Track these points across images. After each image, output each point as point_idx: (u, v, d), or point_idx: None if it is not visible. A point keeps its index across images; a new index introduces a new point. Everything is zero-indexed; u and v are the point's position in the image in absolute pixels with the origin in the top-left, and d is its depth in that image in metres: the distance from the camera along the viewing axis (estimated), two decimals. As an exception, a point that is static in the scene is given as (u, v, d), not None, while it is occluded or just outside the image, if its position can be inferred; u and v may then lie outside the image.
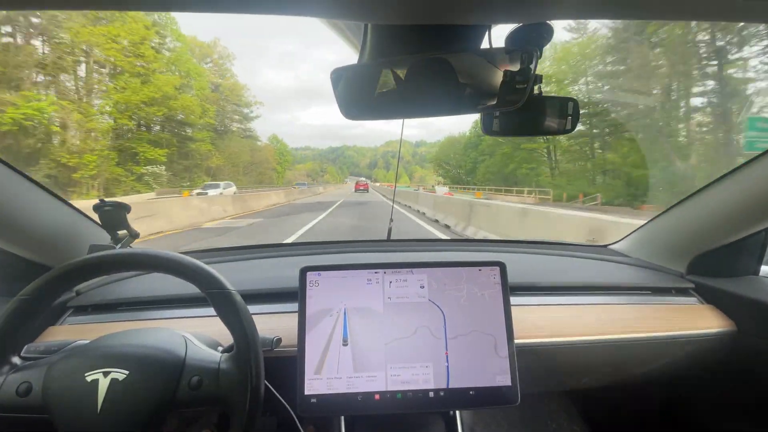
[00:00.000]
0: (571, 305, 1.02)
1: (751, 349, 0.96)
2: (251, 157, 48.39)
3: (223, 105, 46.88)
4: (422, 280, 0.81)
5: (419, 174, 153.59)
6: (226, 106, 47.51)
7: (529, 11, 0.45)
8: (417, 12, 0.45)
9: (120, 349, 0.63)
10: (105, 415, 0.57)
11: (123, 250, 0.69)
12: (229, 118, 48.38)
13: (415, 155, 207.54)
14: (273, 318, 0.92)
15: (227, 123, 47.73)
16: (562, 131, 0.75)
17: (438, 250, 1.39)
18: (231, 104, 48.60)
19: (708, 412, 1.14)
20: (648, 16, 0.45)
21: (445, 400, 0.76)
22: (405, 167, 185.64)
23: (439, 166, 51.65)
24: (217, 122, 43.95)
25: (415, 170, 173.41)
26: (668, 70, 19.70)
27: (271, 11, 0.44)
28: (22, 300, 0.60)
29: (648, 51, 19.07)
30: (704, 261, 1.07)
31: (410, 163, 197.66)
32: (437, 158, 50.88)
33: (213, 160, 39.61)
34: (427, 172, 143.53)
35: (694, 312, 1.01)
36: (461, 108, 0.67)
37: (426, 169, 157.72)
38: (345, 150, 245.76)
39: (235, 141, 45.96)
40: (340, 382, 0.75)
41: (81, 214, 1.00)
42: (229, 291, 0.63)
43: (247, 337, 0.61)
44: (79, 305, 0.97)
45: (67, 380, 0.59)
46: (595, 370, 1.01)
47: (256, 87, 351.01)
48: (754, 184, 0.87)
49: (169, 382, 0.60)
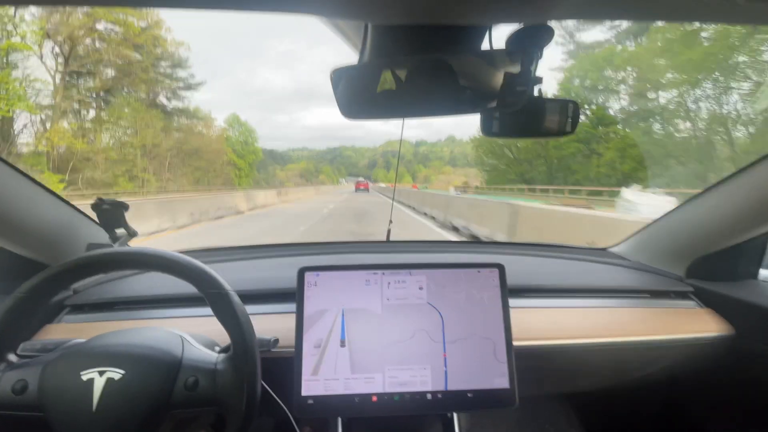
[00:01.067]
0: (569, 308, 1.02)
1: (750, 353, 0.96)
2: (188, 144, 31.78)
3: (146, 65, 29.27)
4: (421, 281, 0.81)
5: (423, 173, 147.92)
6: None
7: (530, 12, 0.45)
8: (417, 12, 0.44)
9: (116, 348, 0.62)
10: (100, 415, 0.56)
11: (120, 249, 0.69)
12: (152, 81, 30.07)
13: (416, 155, 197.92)
14: (270, 318, 0.92)
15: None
16: (563, 133, 0.75)
17: (437, 252, 1.39)
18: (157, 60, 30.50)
19: (706, 416, 1.14)
20: (650, 17, 0.45)
21: (443, 402, 0.75)
22: (407, 166, 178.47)
23: (487, 161, 37.03)
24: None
25: (418, 170, 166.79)
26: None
27: (271, 10, 0.44)
28: (18, 298, 0.60)
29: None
30: (703, 265, 1.07)
31: (412, 163, 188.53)
32: (487, 151, 35.04)
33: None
34: (430, 171, 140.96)
35: (692, 316, 1.01)
36: (461, 109, 0.66)
37: (429, 168, 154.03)
38: (343, 150, 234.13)
39: (154, 118, 28.55)
40: (338, 383, 0.74)
41: (79, 213, 1.00)
42: (226, 291, 0.63)
43: (244, 338, 0.61)
44: (76, 304, 0.96)
45: (63, 379, 0.59)
46: (593, 374, 1.01)
47: (255, 87, 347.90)
48: (753, 189, 0.87)
49: (165, 382, 0.60)
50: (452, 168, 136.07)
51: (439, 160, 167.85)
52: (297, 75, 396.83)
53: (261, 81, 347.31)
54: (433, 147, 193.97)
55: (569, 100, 0.74)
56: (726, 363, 1.01)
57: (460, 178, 74.53)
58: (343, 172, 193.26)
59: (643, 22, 0.52)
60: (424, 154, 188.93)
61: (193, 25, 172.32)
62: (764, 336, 0.92)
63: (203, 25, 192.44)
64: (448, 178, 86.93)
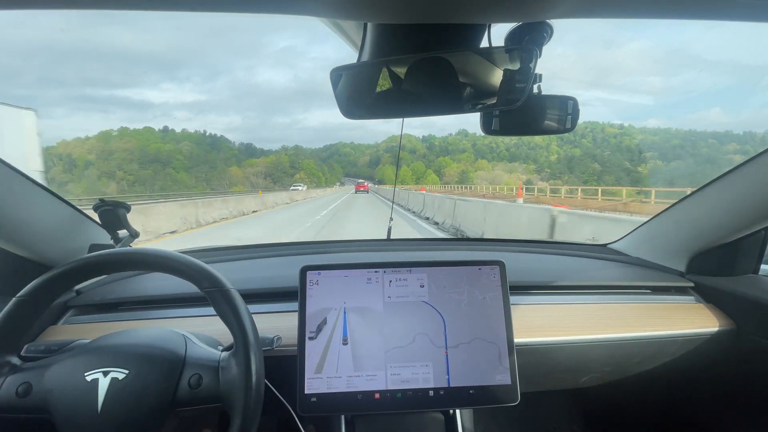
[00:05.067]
0: (570, 304, 1.02)
1: (751, 348, 0.96)
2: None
3: None
4: (422, 279, 0.81)
5: (453, 170, 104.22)
6: None
7: (529, 10, 0.45)
8: (417, 11, 0.45)
9: (120, 348, 0.63)
10: (105, 415, 0.57)
11: (122, 250, 0.69)
12: None
13: (431, 147, 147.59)
14: (272, 317, 0.92)
15: None
16: (563, 130, 0.76)
17: (437, 249, 1.39)
18: None
19: (708, 411, 1.14)
20: (648, 16, 0.45)
21: (445, 399, 0.76)
22: (423, 160, 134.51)
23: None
24: None
25: (445, 164, 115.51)
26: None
27: (271, 11, 0.44)
28: (21, 300, 0.60)
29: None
30: (704, 260, 1.07)
31: (427, 157, 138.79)
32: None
33: None
34: (463, 167, 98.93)
35: (693, 311, 1.01)
36: (461, 107, 0.67)
37: (459, 162, 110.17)
38: (340, 147, 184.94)
39: None
40: (340, 381, 0.75)
41: (81, 214, 1.00)
42: (228, 289, 0.63)
43: (246, 336, 0.61)
44: (79, 305, 0.97)
45: (67, 380, 0.59)
46: (594, 369, 1.02)
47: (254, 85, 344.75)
48: (753, 183, 0.87)
49: (169, 381, 0.60)
50: (487, 162, 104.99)
51: (461, 153, 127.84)
52: (298, 73, 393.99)
53: (261, 80, 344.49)
54: (445, 141, 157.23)
55: (569, 97, 0.74)
56: (727, 358, 1.01)
57: (508, 176, 56.13)
58: (339, 171, 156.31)
59: (641, 20, 0.52)
60: (442, 146, 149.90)
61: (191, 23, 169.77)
62: (765, 331, 0.92)
63: (201, 23, 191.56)
64: (493, 176, 63.69)
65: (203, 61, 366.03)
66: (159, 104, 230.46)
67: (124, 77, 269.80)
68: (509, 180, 52.74)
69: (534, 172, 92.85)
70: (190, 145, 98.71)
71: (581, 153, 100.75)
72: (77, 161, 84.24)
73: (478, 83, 0.66)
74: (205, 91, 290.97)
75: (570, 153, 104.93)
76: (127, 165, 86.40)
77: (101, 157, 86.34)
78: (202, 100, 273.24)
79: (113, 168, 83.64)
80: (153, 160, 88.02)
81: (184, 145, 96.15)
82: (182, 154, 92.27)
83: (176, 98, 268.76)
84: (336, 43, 0.80)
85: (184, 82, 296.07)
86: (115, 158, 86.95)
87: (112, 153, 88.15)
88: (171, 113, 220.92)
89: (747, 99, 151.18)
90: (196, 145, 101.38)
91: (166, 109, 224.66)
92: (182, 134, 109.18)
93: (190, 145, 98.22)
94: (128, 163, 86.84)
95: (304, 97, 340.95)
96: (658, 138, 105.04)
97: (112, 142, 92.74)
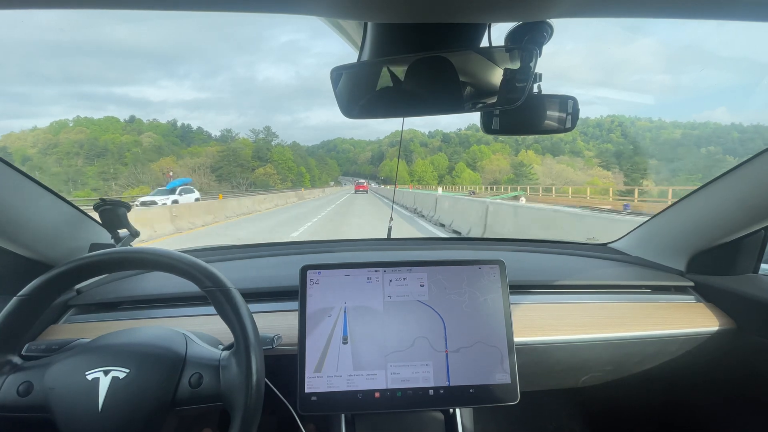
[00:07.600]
0: (570, 304, 1.02)
1: (751, 347, 0.96)
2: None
3: None
4: (422, 278, 0.81)
5: (495, 164, 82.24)
6: None
7: (529, 10, 0.45)
8: (417, 10, 0.45)
9: (120, 347, 0.63)
10: (106, 414, 0.57)
11: (123, 249, 0.69)
12: None
13: (447, 139, 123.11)
14: (273, 317, 0.92)
15: None
16: (563, 129, 0.75)
17: (437, 249, 1.39)
18: None
19: (707, 410, 1.14)
20: (649, 15, 0.45)
21: (445, 398, 0.76)
22: (444, 152, 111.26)
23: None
24: None
25: (481, 155, 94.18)
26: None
27: (271, 10, 0.44)
28: (21, 299, 0.60)
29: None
30: (704, 259, 1.07)
31: (442, 149, 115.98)
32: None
33: None
34: (503, 160, 79.35)
35: (693, 310, 1.02)
36: (461, 106, 0.67)
37: (496, 154, 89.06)
38: (339, 143, 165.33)
39: None
40: (341, 380, 0.75)
41: (82, 214, 1.00)
42: (228, 288, 0.63)
43: (247, 335, 0.61)
44: (80, 304, 0.97)
45: (68, 379, 0.59)
46: (594, 369, 1.02)
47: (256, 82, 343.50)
48: (753, 182, 0.87)
49: (169, 380, 0.60)
50: (534, 154, 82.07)
51: (485, 146, 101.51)
52: (300, 70, 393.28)
53: (262, 78, 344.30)
54: (458, 135, 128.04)
55: (569, 96, 0.73)
56: (727, 357, 1.01)
57: (578, 173, 40.94)
58: (336, 170, 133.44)
59: (641, 19, 0.52)
60: (462, 138, 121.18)
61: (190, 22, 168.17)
62: (765, 330, 0.92)
63: (200, 22, 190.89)
64: (557, 171, 46.72)
65: (203, 57, 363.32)
66: (157, 102, 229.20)
67: (121, 74, 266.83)
68: (595, 179, 39.14)
69: (598, 166, 73.42)
70: (155, 136, 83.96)
71: (632, 148, 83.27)
72: (13, 156, 68.73)
73: (478, 82, 0.66)
74: (205, 88, 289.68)
75: (603, 148, 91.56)
76: (71, 159, 73.47)
77: (43, 152, 74.46)
78: (201, 98, 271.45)
79: (51, 164, 71.17)
80: (102, 152, 74.57)
81: (146, 137, 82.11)
82: (141, 146, 77.96)
83: (175, 96, 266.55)
84: (339, 39, 0.80)
85: (183, 79, 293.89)
86: (58, 151, 74.66)
87: (56, 146, 75.92)
88: (168, 111, 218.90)
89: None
90: (162, 136, 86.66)
91: (164, 107, 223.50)
92: (149, 125, 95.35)
93: (154, 136, 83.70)
94: (72, 158, 73.84)
95: (306, 96, 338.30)
96: (698, 132, 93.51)
97: (62, 133, 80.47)
